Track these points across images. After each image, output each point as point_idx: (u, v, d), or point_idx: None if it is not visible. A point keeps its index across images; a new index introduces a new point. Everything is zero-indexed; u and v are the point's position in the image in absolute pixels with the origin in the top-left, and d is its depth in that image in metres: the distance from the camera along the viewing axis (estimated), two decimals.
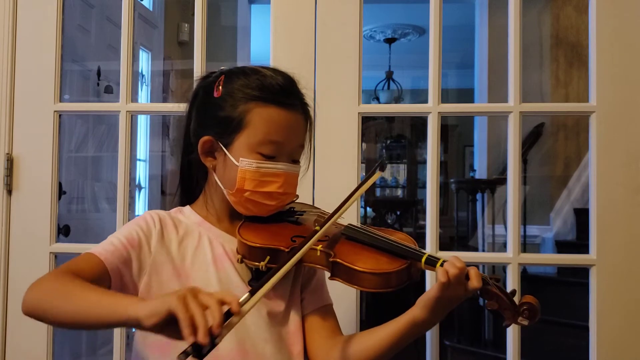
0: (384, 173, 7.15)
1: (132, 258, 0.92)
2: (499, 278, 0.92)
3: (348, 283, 0.90)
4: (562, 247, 3.65)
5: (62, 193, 2.15)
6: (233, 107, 0.96)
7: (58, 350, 1.58)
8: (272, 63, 1.48)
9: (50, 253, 1.53)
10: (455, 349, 3.63)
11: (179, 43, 3.86)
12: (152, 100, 3.47)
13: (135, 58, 3.16)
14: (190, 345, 0.66)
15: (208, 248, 0.99)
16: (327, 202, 1.24)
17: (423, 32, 5.64)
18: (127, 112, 1.53)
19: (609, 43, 1.45)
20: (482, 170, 4.16)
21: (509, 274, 1.44)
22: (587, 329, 1.43)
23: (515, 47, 1.47)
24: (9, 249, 1.54)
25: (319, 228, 0.91)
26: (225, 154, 0.97)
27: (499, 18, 3.85)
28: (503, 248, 1.64)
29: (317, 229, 0.91)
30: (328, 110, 1.47)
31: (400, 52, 5.93)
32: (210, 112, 0.99)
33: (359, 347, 0.96)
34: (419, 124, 5.95)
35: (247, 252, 0.95)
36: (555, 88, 3.88)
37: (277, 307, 0.98)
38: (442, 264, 0.89)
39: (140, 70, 3.33)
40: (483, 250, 3.82)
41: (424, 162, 5.30)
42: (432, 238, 1.47)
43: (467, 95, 5.71)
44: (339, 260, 0.90)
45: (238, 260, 0.96)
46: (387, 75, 6.04)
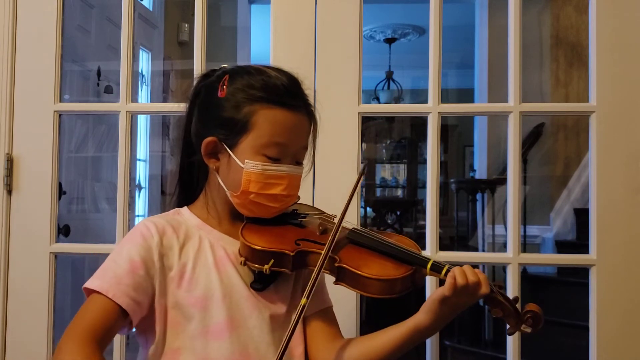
0: (384, 173, 7.16)
1: (138, 281, 0.90)
2: (502, 285, 0.92)
3: (353, 288, 0.90)
4: (562, 247, 3.65)
5: (62, 193, 2.15)
6: (237, 108, 0.94)
7: None
8: (272, 63, 1.48)
9: (50, 253, 1.53)
10: (455, 349, 3.63)
11: (179, 43, 3.86)
12: (152, 100, 3.48)
13: (135, 58, 3.16)
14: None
15: (209, 251, 0.97)
16: (327, 202, 1.24)
17: (423, 32, 5.64)
18: (127, 112, 1.53)
19: (609, 43, 1.45)
20: (482, 170, 4.16)
21: (509, 274, 1.44)
22: (587, 329, 1.43)
23: (515, 47, 1.47)
24: (9, 249, 1.54)
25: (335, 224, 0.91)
26: (230, 156, 0.95)
27: (499, 18, 3.85)
28: (503, 248, 1.64)
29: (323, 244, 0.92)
30: (328, 110, 1.46)
31: (400, 52, 5.92)
32: (214, 112, 0.97)
33: (360, 350, 0.95)
34: (419, 124, 5.95)
35: (250, 254, 0.94)
36: (555, 88, 3.88)
37: (279, 310, 0.98)
38: (447, 270, 0.88)
39: (140, 70, 3.33)
40: (483, 250, 3.82)
41: (424, 162, 5.30)
42: (432, 238, 1.47)
43: (467, 95, 5.71)
44: (345, 266, 0.90)
45: (241, 263, 0.95)
46: (387, 75, 6.04)
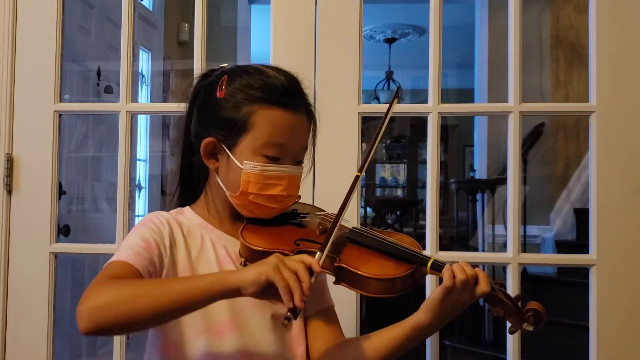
0: (384, 173, 7.16)
1: (154, 260, 0.91)
2: (504, 283, 0.92)
3: (353, 288, 0.90)
4: (562, 247, 3.65)
5: (62, 193, 2.15)
6: (236, 108, 0.94)
7: (58, 350, 1.57)
8: (272, 63, 1.47)
9: (50, 253, 1.53)
10: (455, 349, 3.63)
11: (179, 43, 3.86)
12: (152, 100, 3.47)
13: (135, 58, 3.16)
14: (289, 310, 0.75)
15: (211, 250, 0.98)
16: (327, 202, 1.23)
17: (423, 32, 5.64)
18: (127, 112, 1.53)
19: (609, 43, 1.45)
20: (482, 170, 4.16)
21: (509, 274, 1.44)
22: (587, 329, 1.43)
23: (515, 47, 1.47)
24: (9, 249, 1.54)
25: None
26: (229, 156, 0.95)
27: (499, 18, 3.85)
28: (503, 248, 1.64)
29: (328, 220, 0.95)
30: (328, 110, 1.47)
31: (400, 52, 5.93)
32: (213, 112, 0.97)
33: (362, 350, 0.95)
34: (419, 124, 5.94)
35: (250, 255, 0.94)
36: (555, 88, 3.88)
37: (280, 310, 0.97)
38: None
39: (140, 70, 3.33)
40: (483, 250, 3.82)
41: (424, 162, 5.29)
42: (432, 238, 1.47)
43: (467, 95, 5.71)
44: (344, 265, 0.89)
45: (241, 263, 0.95)
46: (387, 75, 6.04)
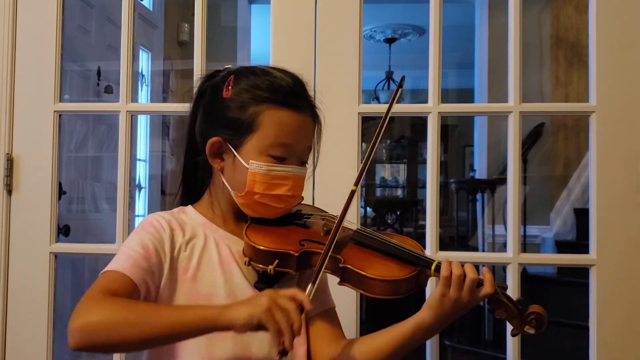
0: (384, 173, 7.15)
1: (151, 267, 0.91)
2: (506, 287, 0.92)
3: (357, 289, 0.90)
4: (562, 247, 3.65)
5: (62, 193, 2.15)
6: (243, 108, 0.94)
7: (58, 350, 1.57)
8: (272, 63, 1.48)
9: (50, 253, 1.53)
10: (455, 349, 3.63)
11: (179, 43, 3.86)
12: (152, 100, 3.47)
13: (135, 58, 3.16)
14: (279, 352, 0.76)
15: (214, 250, 0.98)
16: (327, 202, 1.24)
17: (423, 32, 5.64)
18: (127, 112, 1.53)
19: (609, 43, 1.45)
20: (482, 170, 4.16)
21: (509, 274, 1.44)
22: (587, 329, 1.43)
23: (515, 47, 1.47)
24: (9, 249, 1.54)
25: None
26: (235, 156, 0.95)
27: (499, 18, 3.85)
28: (503, 248, 1.64)
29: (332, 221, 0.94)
30: (328, 110, 1.46)
31: (400, 52, 5.92)
32: (219, 112, 0.97)
33: (363, 350, 0.95)
34: (419, 124, 5.95)
35: (254, 255, 0.94)
36: (555, 88, 3.88)
37: None
38: None
39: (140, 70, 3.33)
40: (483, 250, 3.82)
41: (424, 162, 5.29)
42: (432, 238, 1.47)
43: (467, 95, 5.71)
44: (349, 266, 0.90)
45: (245, 263, 0.95)
46: (387, 75, 6.04)
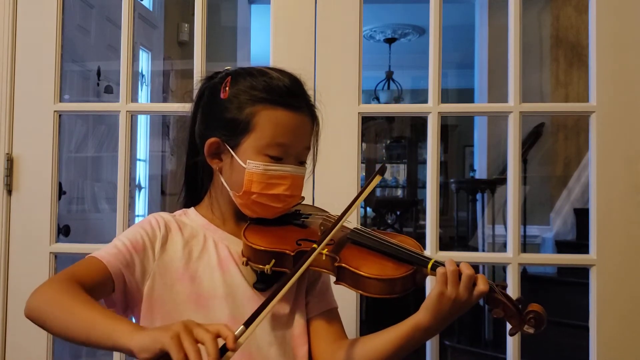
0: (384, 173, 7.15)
1: (135, 262, 0.92)
2: (505, 285, 0.91)
3: (353, 288, 0.90)
4: (562, 247, 3.66)
5: (62, 193, 2.15)
6: (240, 109, 0.95)
7: (58, 350, 1.57)
8: (272, 63, 1.48)
9: (50, 253, 1.53)
10: (455, 349, 3.63)
11: (179, 43, 3.86)
12: (152, 100, 3.47)
13: (135, 58, 3.16)
14: None
15: (213, 250, 0.98)
16: (327, 202, 1.24)
17: (423, 32, 5.64)
18: (127, 112, 1.53)
19: (609, 43, 1.45)
20: (482, 170, 4.17)
21: (509, 274, 1.44)
22: (587, 329, 1.43)
23: (515, 47, 1.47)
24: (9, 249, 1.54)
25: (317, 246, 0.89)
26: (232, 156, 0.96)
27: (499, 18, 3.85)
28: (503, 248, 1.64)
29: (314, 247, 0.89)
30: (328, 110, 1.46)
31: (400, 52, 5.93)
32: (217, 113, 0.98)
33: (363, 351, 0.95)
34: (419, 124, 5.95)
35: (252, 254, 0.94)
36: (555, 88, 3.89)
37: (281, 309, 0.98)
38: None
39: (140, 70, 3.33)
40: (483, 250, 3.82)
41: (424, 162, 5.30)
42: (432, 238, 1.47)
43: (467, 95, 5.71)
44: (344, 265, 0.90)
45: (243, 263, 0.96)
46: (387, 75, 6.05)
